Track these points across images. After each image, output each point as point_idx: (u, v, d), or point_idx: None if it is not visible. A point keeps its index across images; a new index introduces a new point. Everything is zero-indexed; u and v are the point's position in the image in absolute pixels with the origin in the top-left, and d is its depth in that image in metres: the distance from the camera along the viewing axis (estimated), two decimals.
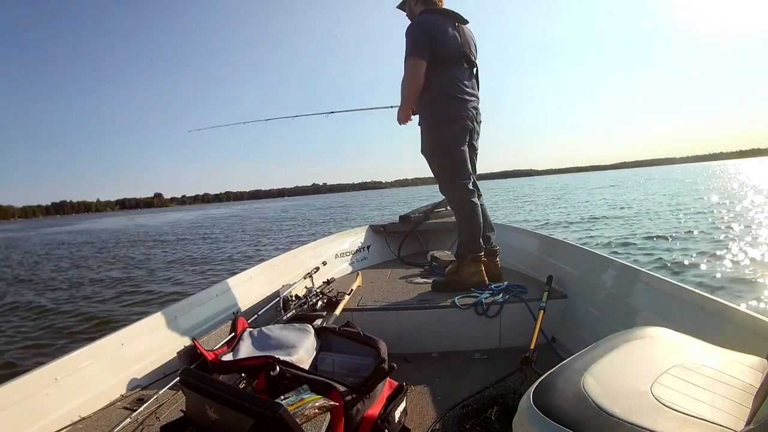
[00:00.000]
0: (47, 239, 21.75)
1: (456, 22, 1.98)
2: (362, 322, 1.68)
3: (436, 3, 2.04)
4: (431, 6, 2.03)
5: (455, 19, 1.99)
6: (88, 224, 42.64)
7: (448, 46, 1.93)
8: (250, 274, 1.99)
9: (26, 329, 4.34)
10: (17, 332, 4.24)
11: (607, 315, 1.55)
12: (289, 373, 1.00)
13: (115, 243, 15.69)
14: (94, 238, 19.77)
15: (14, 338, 4.03)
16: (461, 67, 1.98)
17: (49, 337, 4.03)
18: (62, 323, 4.46)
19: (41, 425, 1.04)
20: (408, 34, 1.92)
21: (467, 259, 1.98)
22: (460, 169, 2.00)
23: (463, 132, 1.99)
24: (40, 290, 6.64)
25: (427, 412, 1.27)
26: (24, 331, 4.29)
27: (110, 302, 5.35)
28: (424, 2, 2.03)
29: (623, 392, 0.60)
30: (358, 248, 2.99)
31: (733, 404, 0.60)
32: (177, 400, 1.17)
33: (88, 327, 4.26)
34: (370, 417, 0.99)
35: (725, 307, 1.08)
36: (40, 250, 15.29)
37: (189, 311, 1.58)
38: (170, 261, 9.04)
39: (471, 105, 2.00)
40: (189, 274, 7.15)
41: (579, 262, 1.87)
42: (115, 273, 7.84)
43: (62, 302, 5.52)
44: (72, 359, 1.19)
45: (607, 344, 0.75)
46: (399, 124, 2.14)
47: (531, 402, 0.60)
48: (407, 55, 1.91)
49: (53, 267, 9.71)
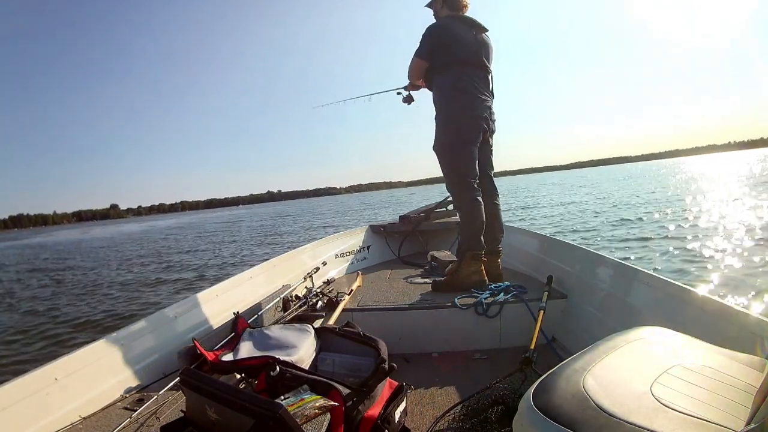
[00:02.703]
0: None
1: (475, 29, 2.09)
2: (362, 322, 1.68)
3: (461, 9, 2.14)
4: (455, 12, 2.13)
5: (474, 26, 2.09)
6: (41, 238, 41.17)
7: (463, 50, 2.02)
8: (250, 275, 1.99)
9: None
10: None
11: (607, 315, 1.55)
12: (289, 374, 1.00)
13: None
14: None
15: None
16: (476, 69, 2.05)
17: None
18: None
19: (41, 425, 1.04)
20: (424, 33, 2.06)
21: (467, 257, 1.98)
22: (467, 167, 2.03)
23: (474, 131, 2.03)
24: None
25: (427, 412, 1.27)
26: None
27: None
28: (450, 7, 2.14)
29: (623, 392, 0.60)
30: (358, 248, 2.99)
31: (733, 404, 0.60)
32: (177, 400, 1.17)
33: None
34: (370, 417, 0.99)
35: (725, 307, 1.08)
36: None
37: (189, 311, 1.58)
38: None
39: (484, 104, 2.05)
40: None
41: (579, 262, 1.87)
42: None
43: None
44: (72, 359, 1.19)
45: (607, 344, 0.75)
46: (407, 90, 2.41)
47: (531, 402, 0.60)
48: (415, 53, 2.09)
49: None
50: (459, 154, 2.04)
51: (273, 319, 1.72)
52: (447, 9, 2.14)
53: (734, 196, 12.30)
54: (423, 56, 2.06)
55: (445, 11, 2.14)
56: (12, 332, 4.68)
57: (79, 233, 45.18)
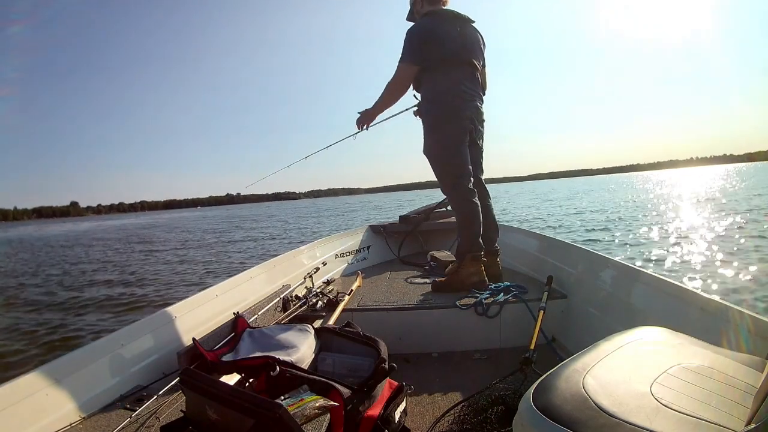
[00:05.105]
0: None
1: (460, 22, 2.00)
2: (362, 322, 1.68)
3: (441, 1, 2.06)
4: (435, 5, 2.04)
5: (458, 19, 2.00)
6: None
7: (448, 48, 1.94)
8: (250, 275, 1.99)
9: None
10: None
11: (607, 315, 1.55)
12: (289, 374, 1.00)
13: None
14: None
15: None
16: (462, 68, 1.99)
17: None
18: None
19: (41, 425, 1.04)
20: (406, 38, 1.96)
21: (467, 259, 1.98)
22: (460, 169, 2.00)
23: (462, 132, 2.00)
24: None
25: (427, 412, 1.27)
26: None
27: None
28: (430, 2, 2.06)
29: (623, 392, 0.60)
30: (358, 248, 2.99)
31: (733, 404, 0.60)
32: (177, 400, 1.17)
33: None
34: (370, 417, 0.99)
35: (725, 307, 1.08)
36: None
37: (189, 311, 1.58)
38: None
39: (471, 105, 2.00)
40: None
41: (579, 262, 1.87)
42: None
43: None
44: (72, 359, 1.19)
45: (607, 344, 0.75)
46: (357, 126, 2.22)
47: (531, 402, 0.60)
48: (400, 59, 1.97)
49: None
50: (450, 158, 2.01)
51: (273, 319, 1.71)
52: (427, 4, 2.06)
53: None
54: (412, 60, 1.96)
55: (426, 7, 2.06)
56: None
57: (34, 229, 45.32)
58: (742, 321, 1.02)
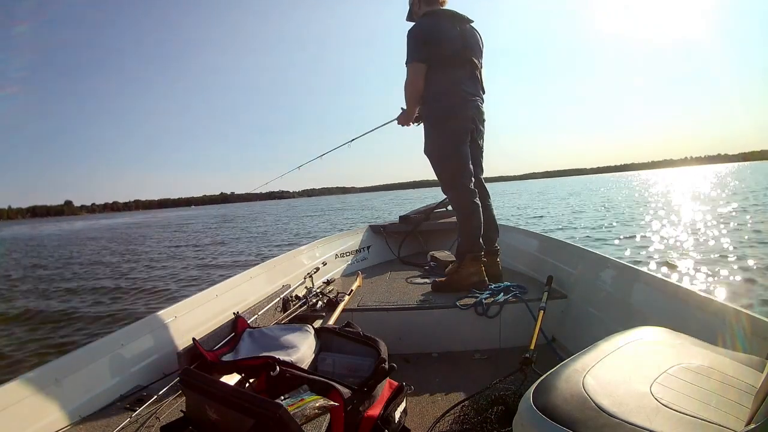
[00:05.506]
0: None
1: (459, 22, 2.00)
2: (362, 322, 1.68)
3: (438, 1, 2.05)
4: (433, 5, 2.04)
5: (456, 18, 2.00)
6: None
7: (448, 48, 1.94)
8: (250, 275, 1.99)
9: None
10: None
11: (607, 315, 1.55)
12: (289, 374, 1.00)
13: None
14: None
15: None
16: (462, 68, 1.99)
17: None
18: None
19: (41, 425, 1.04)
20: (408, 39, 1.96)
21: (467, 259, 1.98)
22: (461, 169, 2.00)
23: (463, 131, 2.00)
24: None
25: (427, 412, 1.27)
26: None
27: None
28: (427, 2, 2.06)
29: (623, 392, 0.60)
30: (358, 249, 2.99)
31: (733, 404, 0.60)
32: (177, 400, 1.17)
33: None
34: (370, 417, 0.99)
35: (725, 307, 1.08)
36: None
37: (189, 311, 1.58)
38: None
39: (472, 105, 2.00)
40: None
41: (579, 262, 1.87)
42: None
43: None
44: (72, 359, 1.19)
45: (607, 344, 0.75)
46: (400, 124, 2.18)
47: (531, 402, 0.60)
48: (407, 61, 1.96)
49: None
50: (450, 157, 2.00)
51: (273, 319, 1.72)
52: (425, 5, 2.06)
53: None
54: (418, 59, 1.94)
55: (424, 7, 2.05)
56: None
57: (28, 228, 44.80)
58: (741, 321, 1.02)
